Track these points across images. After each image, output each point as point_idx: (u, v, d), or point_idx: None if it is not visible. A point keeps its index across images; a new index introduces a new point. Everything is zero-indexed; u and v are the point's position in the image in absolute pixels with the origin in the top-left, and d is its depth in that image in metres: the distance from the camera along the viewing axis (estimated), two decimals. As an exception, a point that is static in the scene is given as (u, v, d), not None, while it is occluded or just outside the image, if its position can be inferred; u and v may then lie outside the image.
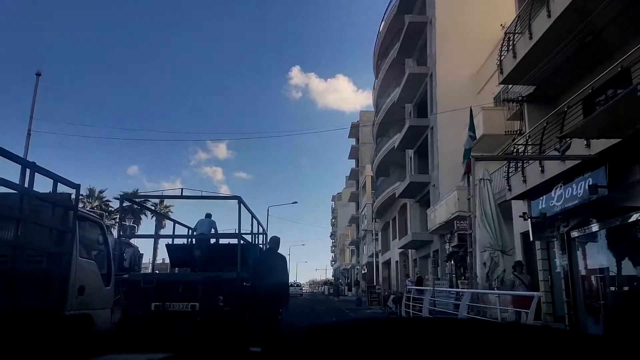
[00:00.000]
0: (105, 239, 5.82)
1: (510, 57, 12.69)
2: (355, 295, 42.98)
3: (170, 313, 9.29)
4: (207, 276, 9.55)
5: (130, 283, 9.50)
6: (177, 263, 12.65)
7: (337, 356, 0.93)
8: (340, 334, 1.13)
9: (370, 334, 1.10)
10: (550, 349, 0.96)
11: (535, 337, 1.05)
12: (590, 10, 9.87)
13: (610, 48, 10.59)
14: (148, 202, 45.51)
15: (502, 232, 10.09)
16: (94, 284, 5.37)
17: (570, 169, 10.01)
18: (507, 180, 12.60)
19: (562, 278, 12.14)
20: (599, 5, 9.56)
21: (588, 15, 10.02)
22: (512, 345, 0.97)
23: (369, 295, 24.44)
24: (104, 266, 5.79)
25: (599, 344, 1.07)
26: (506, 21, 20.92)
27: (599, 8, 9.61)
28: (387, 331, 1.12)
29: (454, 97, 21.99)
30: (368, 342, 1.00)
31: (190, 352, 1.08)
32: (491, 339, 1.01)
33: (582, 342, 1.11)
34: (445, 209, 19.86)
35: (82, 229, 5.47)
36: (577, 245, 11.94)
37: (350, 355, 0.93)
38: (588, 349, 1.00)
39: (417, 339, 1.02)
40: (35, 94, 19.52)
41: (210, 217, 12.01)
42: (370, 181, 45.08)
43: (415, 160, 28.53)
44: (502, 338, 1.03)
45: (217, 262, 10.66)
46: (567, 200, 10.57)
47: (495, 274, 9.84)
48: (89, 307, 5.17)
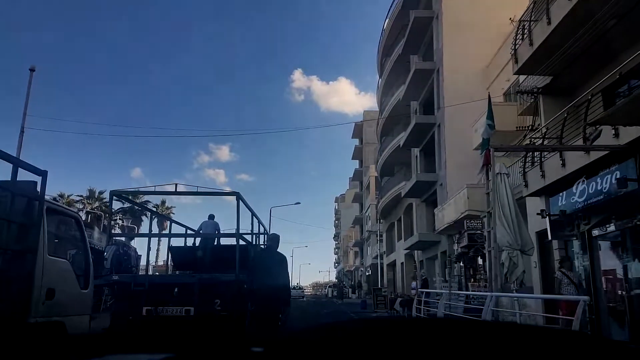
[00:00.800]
0: (83, 235, 5.11)
1: (526, 46, 11.97)
2: (359, 297, 42.22)
3: (164, 318, 8.59)
4: (202, 278, 8.84)
5: (120, 285, 8.81)
6: (181, 266, 12.06)
7: (339, 356, 0.93)
8: (342, 333, 1.11)
9: (373, 334, 1.08)
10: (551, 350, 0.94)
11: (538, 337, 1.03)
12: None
13: (636, 32, 9.85)
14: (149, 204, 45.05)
15: (521, 230, 9.35)
16: (66, 287, 4.66)
17: (595, 162, 9.26)
18: (523, 175, 11.86)
19: (583, 279, 11.39)
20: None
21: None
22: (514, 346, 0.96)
23: (375, 298, 23.68)
24: (80, 266, 5.09)
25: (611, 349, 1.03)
26: (515, 14, 20.33)
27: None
28: (389, 331, 1.10)
29: (461, 93, 21.29)
30: (370, 342, 0.98)
31: (191, 352, 1.08)
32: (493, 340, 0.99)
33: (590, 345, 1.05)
34: (454, 208, 19.10)
35: (53, 223, 4.78)
36: (598, 244, 11.20)
37: (353, 355, 0.93)
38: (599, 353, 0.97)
39: (419, 338, 1.01)
40: (29, 90, 18.92)
41: (214, 219, 11.58)
42: (374, 181, 44.41)
43: (421, 159, 27.82)
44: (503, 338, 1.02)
45: (220, 263, 9.96)
46: (591, 196, 9.82)
47: (514, 276, 9.09)
48: (61, 314, 4.45)
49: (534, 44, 11.52)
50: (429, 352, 0.92)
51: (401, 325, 1.31)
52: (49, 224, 4.61)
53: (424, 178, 25.23)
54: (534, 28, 11.68)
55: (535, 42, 11.47)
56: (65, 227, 5.07)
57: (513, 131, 16.10)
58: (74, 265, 4.97)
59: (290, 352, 1.00)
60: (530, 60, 11.84)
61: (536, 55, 11.54)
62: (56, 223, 4.87)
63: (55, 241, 4.83)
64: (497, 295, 8.43)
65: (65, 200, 43.88)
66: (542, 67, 11.90)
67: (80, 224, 5.09)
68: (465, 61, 22.45)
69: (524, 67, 12.25)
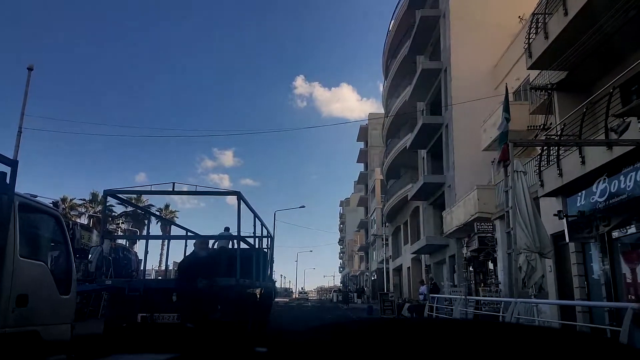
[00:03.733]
0: (64, 236, 4.60)
1: (540, 39, 11.43)
2: (364, 303, 41.54)
3: (160, 325, 8.08)
4: (202, 283, 8.31)
5: (114, 290, 8.30)
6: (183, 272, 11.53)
7: (342, 356, 0.93)
8: (345, 333, 1.10)
9: (375, 334, 1.07)
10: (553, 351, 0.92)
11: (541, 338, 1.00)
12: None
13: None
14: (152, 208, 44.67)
15: (539, 232, 8.77)
16: (42, 292, 4.14)
17: (618, 158, 8.70)
18: (539, 175, 11.29)
19: (603, 284, 10.80)
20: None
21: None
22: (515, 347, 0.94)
23: (382, 303, 23.04)
24: (61, 270, 4.57)
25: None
26: (525, 12, 19.85)
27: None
28: (391, 331, 1.09)
29: (469, 92, 20.77)
30: (373, 342, 0.98)
31: (195, 353, 1.09)
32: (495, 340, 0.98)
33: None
34: (464, 210, 18.51)
35: (27, 221, 4.26)
36: (619, 247, 10.62)
37: (357, 355, 0.92)
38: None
39: (421, 339, 1.00)
40: (27, 90, 18.53)
41: (229, 231, 11.12)
42: (380, 185, 43.84)
43: (428, 161, 27.26)
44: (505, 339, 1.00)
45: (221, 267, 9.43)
46: (613, 195, 9.25)
47: (532, 280, 8.51)
48: (35, 322, 3.93)
49: (549, 37, 10.99)
50: (434, 353, 0.91)
51: (406, 326, 1.27)
52: (23, 221, 4.09)
53: (431, 180, 24.66)
54: (549, 21, 11.15)
55: (551, 34, 10.94)
56: (44, 226, 4.57)
57: (524, 130, 15.54)
58: (53, 268, 4.46)
59: (294, 352, 0.99)
60: (545, 54, 11.31)
61: (551, 48, 11.02)
62: (31, 221, 4.36)
63: (29, 242, 4.32)
64: (520, 301, 7.86)
65: (68, 204, 43.60)
66: (557, 61, 11.37)
67: (61, 223, 4.58)
68: (473, 60, 21.95)
69: (539, 61, 11.71)
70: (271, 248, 13.85)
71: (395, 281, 38.81)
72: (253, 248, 10.87)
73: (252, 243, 11.10)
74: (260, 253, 11.45)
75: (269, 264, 13.46)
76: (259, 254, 11.09)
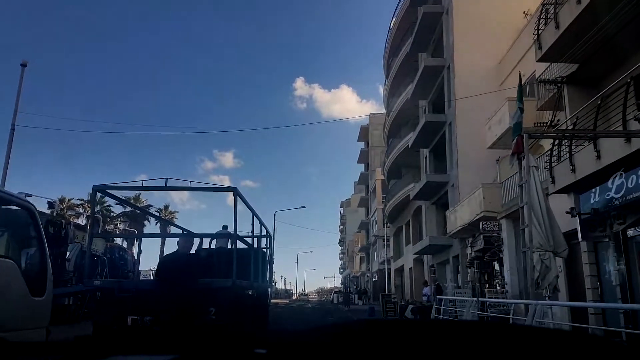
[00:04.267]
0: (38, 231, 4.12)
1: (551, 30, 10.97)
2: (365, 304, 41.03)
3: (152, 328, 7.59)
4: (196, 284, 7.82)
5: (103, 292, 7.82)
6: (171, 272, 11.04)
7: (343, 357, 0.92)
8: (347, 334, 1.07)
9: (377, 335, 1.04)
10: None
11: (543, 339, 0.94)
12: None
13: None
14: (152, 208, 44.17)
15: (553, 230, 8.31)
16: (10, 293, 3.67)
17: (636, 152, 8.23)
18: (550, 171, 10.81)
19: (617, 285, 10.32)
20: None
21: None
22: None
23: (384, 305, 22.51)
24: (33, 269, 4.11)
25: None
26: (529, 8, 19.40)
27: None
28: (393, 332, 1.06)
29: (473, 89, 20.31)
30: (374, 343, 0.96)
31: (195, 353, 1.07)
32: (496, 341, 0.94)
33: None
34: (468, 210, 18.04)
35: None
36: (634, 246, 10.14)
37: (358, 356, 0.91)
38: None
39: (422, 339, 0.98)
40: (21, 87, 18.08)
41: (227, 229, 10.63)
42: (381, 185, 43.40)
43: (430, 160, 26.82)
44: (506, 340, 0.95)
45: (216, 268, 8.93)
46: (630, 191, 8.77)
47: (546, 281, 8.04)
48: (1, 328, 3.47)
49: (560, 27, 10.53)
50: (434, 353, 0.88)
51: (408, 326, 1.21)
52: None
53: (434, 179, 24.19)
54: (559, 10, 10.69)
55: (562, 24, 10.47)
56: (14, 219, 4.10)
57: (530, 127, 15.06)
58: (24, 267, 4.00)
59: (294, 353, 0.97)
60: (555, 45, 10.84)
61: (563, 38, 10.55)
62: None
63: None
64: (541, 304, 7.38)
65: (66, 204, 43.14)
66: (568, 52, 10.90)
67: (34, 216, 4.10)
68: (477, 56, 21.49)
69: (549, 53, 11.24)
70: (270, 248, 13.37)
71: (397, 282, 38.33)
72: (251, 247, 10.40)
73: (250, 242, 10.62)
74: (258, 251, 10.98)
75: (268, 264, 12.98)
76: (257, 253, 10.61)
